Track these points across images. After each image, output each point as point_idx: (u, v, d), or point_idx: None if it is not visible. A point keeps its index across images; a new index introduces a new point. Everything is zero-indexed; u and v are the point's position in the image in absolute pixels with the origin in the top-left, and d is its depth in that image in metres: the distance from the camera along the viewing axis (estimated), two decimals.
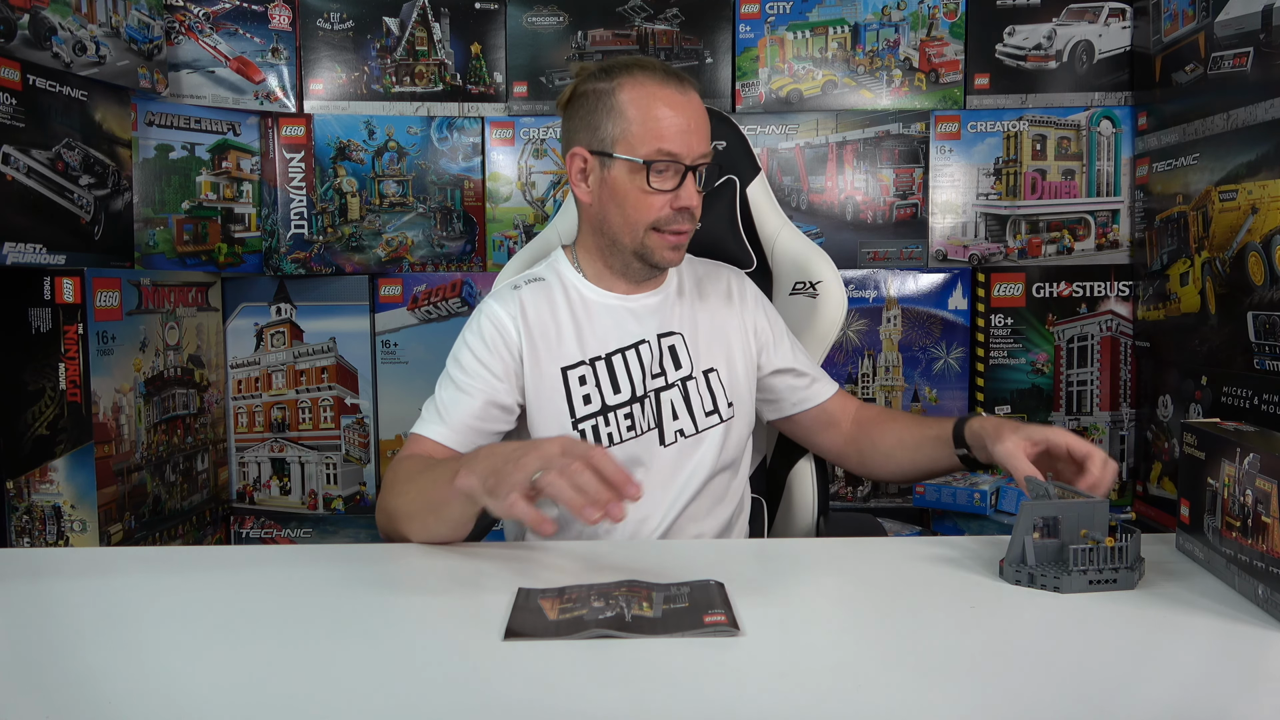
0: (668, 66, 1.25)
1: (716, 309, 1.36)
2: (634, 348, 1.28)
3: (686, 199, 1.22)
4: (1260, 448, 0.85)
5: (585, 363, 1.26)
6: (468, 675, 0.74)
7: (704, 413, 1.29)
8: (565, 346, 1.27)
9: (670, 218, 1.22)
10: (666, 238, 1.23)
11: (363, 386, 2.28)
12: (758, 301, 1.40)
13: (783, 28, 2.25)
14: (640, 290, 1.32)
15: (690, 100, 1.23)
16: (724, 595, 0.87)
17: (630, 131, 1.21)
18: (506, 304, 1.28)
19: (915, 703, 0.69)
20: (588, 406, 1.25)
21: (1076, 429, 2.23)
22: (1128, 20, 2.18)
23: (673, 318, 1.32)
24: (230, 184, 2.21)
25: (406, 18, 2.26)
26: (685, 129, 1.21)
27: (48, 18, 1.72)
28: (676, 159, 1.20)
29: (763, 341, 1.37)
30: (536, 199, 2.29)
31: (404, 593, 0.95)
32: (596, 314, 1.29)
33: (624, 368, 1.27)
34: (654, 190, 1.21)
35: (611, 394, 1.26)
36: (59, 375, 1.74)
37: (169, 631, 0.82)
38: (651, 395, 1.27)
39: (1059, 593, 0.88)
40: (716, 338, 1.33)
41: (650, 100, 1.21)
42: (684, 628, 0.79)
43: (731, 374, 1.33)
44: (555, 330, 1.27)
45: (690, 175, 1.22)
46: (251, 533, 2.31)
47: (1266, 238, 1.65)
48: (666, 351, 1.30)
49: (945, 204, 2.24)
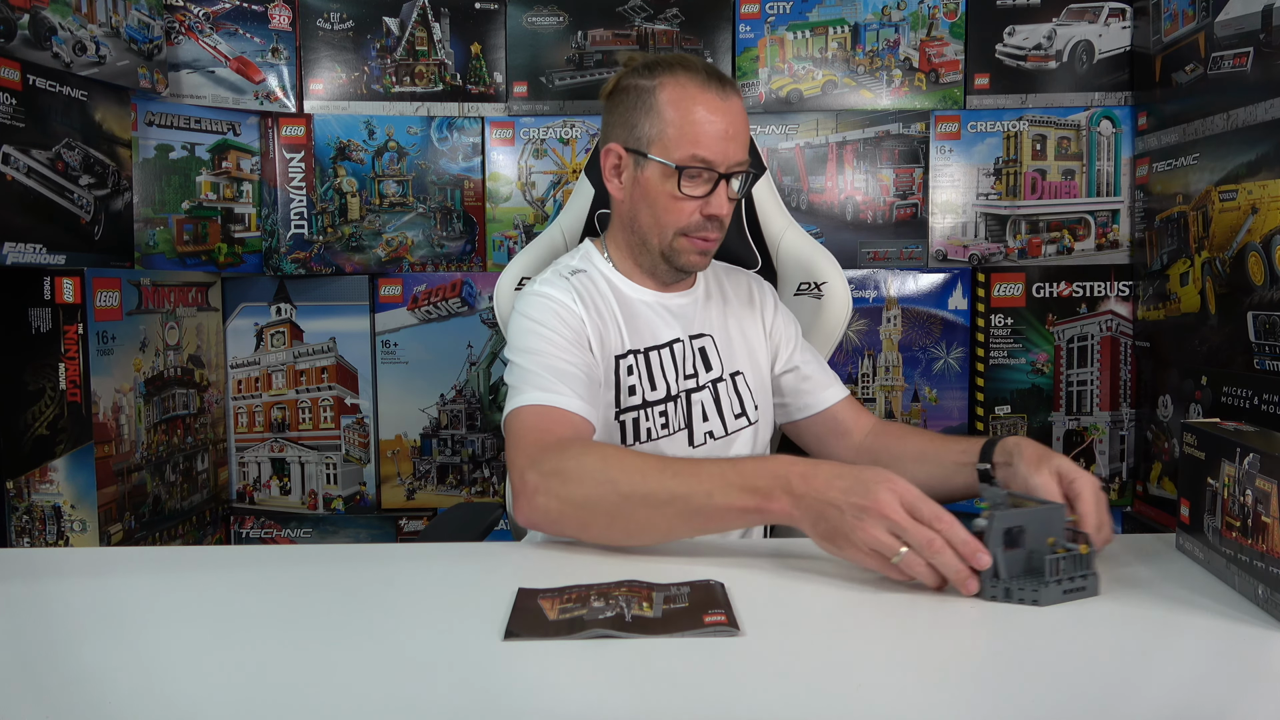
0: (713, 68, 1.22)
1: (740, 313, 1.36)
2: (669, 346, 1.27)
3: (717, 207, 1.20)
4: (1260, 448, 0.85)
5: (633, 353, 1.25)
6: (467, 675, 0.74)
7: (733, 415, 1.29)
8: (617, 335, 1.25)
9: (699, 224, 1.21)
10: (695, 242, 1.22)
11: (363, 386, 2.28)
12: (775, 305, 1.40)
13: (783, 28, 2.25)
14: (671, 290, 1.31)
15: (730, 105, 1.20)
16: (724, 595, 0.87)
17: (666, 134, 1.19)
18: (562, 290, 1.23)
19: (919, 703, 0.69)
20: (632, 398, 1.24)
21: (1076, 429, 2.23)
22: (1128, 20, 2.18)
23: (702, 320, 1.32)
24: (230, 184, 2.21)
25: (406, 18, 2.26)
26: (722, 135, 1.18)
27: (48, 18, 1.72)
28: (710, 166, 1.18)
29: (776, 342, 1.37)
30: (536, 199, 2.29)
31: (404, 592, 0.95)
32: (636, 309, 1.28)
33: (659, 365, 1.26)
34: (685, 196, 1.19)
35: (650, 390, 1.25)
36: (59, 375, 1.74)
37: (169, 631, 0.82)
38: (683, 395, 1.27)
39: (1037, 605, 0.85)
40: (742, 341, 1.34)
41: (689, 103, 1.18)
42: (684, 628, 0.79)
43: (757, 378, 1.33)
44: (609, 317, 1.25)
45: (724, 183, 1.20)
46: (251, 533, 2.32)
47: (1266, 238, 1.65)
48: (697, 353, 1.29)
49: (945, 204, 2.24)
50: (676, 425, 1.26)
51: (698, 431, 1.27)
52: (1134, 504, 2.21)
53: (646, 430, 1.24)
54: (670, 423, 1.25)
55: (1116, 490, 2.23)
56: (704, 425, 1.27)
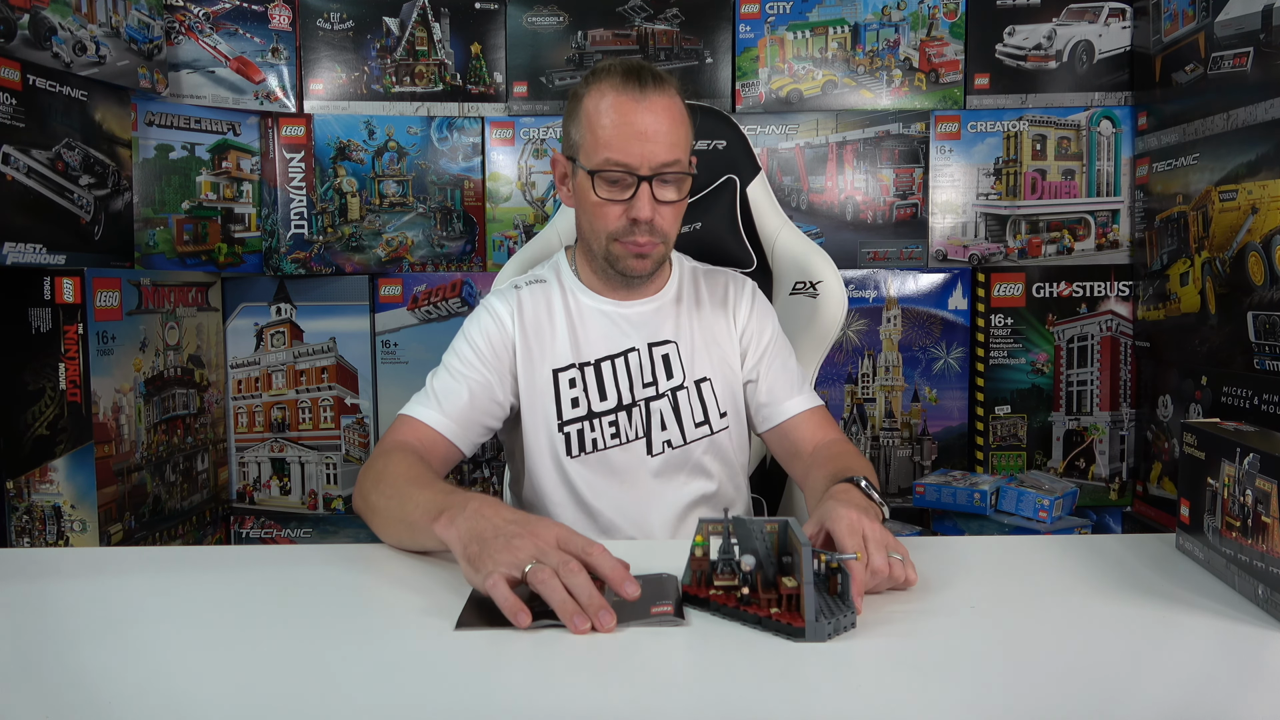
0: (640, 66, 1.18)
1: (710, 316, 1.33)
2: (623, 355, 1.27)
3: (639, 211, 1.16)
4: (1260, 448, 0.85)
5: (575, 366, 1.26)
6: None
7: (693, 424, 1.28)
8: (558, 348, 1.26)
9: (625, 229, 1.18)
10: (628, 247, 1.20)
11: (363, 386, 2.28)
12: (752, 307, 1.35)
13: (783, 28, 2.25)
14: (635, 297, 1.30)
15: (650, 104, 1.15)
16: (676, 587, 0.89)
17: (585, 139, 1.18)
18: (506, 300, 1.29)
19: (915, 702, 0.69)
20: (575, 410, 1.25)
21: (1076, 429, 2.23)
22: (1128, 20, 2.18)
23: (667, 326, 1.30)
24: (230, 184, 2.21)
25: (406, 18, 2.26)
26: (636, 136, 1.14)
27: (48, 18, 1.72)
28: (627, 168, 1.15)
29: (745, 346, 1.33)
30: (536, 199, 2.29)
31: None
32: (590, 319, 1.29)
33: (612, 375, 1.26)
34: (606, 200, 1.17)
35: (598, 400, 1.25)
36: (59, 375, 1.74)
37: (169, 631, 0.82)
38: (642, 404, 1.26)
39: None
40: (711, 346, 1.31)
41: (604, 105, 1.16)
42: (631, 618, 0.81)
43: (725, 383, 1.31)
44: (549, 331, 1.27)
45: (645, 186, 1.16)
46: (251, 533, 2.31)
47: (1266, 238, 1.65)
48: (659, 360, 1.28)
49: (945, 204, 2.24)
50: (632, 434, 1.25)
51: (656, 440, 1.26)
52: (1134, 504, 2.21)
53: (593, 441, 1.25)
54: (623, 432, 1.25)
55: (1116, 490, 2.23)
56: (662, 434, 1.26)
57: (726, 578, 0.85)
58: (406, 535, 1.03)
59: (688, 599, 0.86)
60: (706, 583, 0.86)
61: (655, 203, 1.17)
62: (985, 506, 2.01)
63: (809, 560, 0.78)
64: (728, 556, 0.85)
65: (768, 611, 0.81)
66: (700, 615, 0.84)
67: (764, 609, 0.81)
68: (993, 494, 2.03)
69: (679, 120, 1.18)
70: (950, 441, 2.27)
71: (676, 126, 1.17)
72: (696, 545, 0.87)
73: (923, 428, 2.28)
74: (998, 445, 2.25)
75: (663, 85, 1.17)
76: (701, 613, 0.85)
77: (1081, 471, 2.23)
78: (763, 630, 0.80)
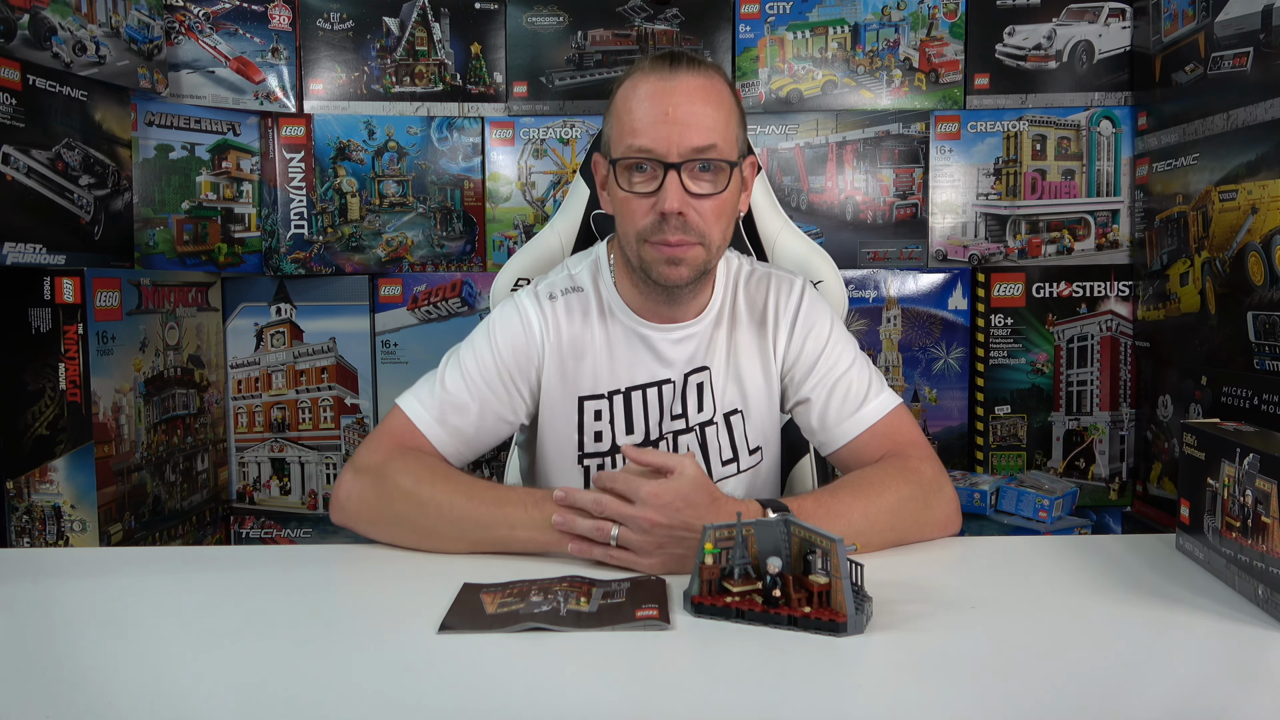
0: (677, 51, 1.10)
1: (746, 339, 1.19)
2: (656, 386, 1.17)
3: (666, 202, 1.02)
4: (1260, 448, 0.85)
5: (604, 396, 1.16)
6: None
7: (720, 462, 1.18)
8: (588, 375, 1.16)
9: (654, 226, 1.05)
10: (659, 249, 1.06)
11: (363, 386, 2.28)
12: (793, 326, 1.20)
13: (783, 28, 2.24)
14: (678, 319, 1.17)
15: (678, 84, 1.03)
16: (663, 590, 0.88)
17: (614, 129, 1.08)
18: (540, 309, 1.16)
19: (916, 701, 0.69)
20: (598, 444, 1.17)
21: (1076, 429, 2.23)
22: (1128, 20, 2.18)
23: (705, 350, 1.18)
24: (230, 184, 2.21)
25: (406, 18, 2.26)
26: (662, 119, 1.02)
27: (48, 18, 1.72)
28: (651, 154, 1.03)
29: (788, 370, 1.20)
30: (536, 199, 2.28)
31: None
32: (628, 345, 1.17)
33: (641, 406, 1.17)
34: (632, 193, 1.05)
35: (624, 434, 1.17)
36: (59, 375, 1.74)
37: (169, 631, 0.83)
38: (669, 438, 1.17)
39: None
40: (744, 373, 1.19)
41: (631, 90, 1.06)
42: (616, 621, 0.81)
43: (758, 415, 1.20)
44: (582, 356, 1.16)
45: (674, 174, 1.02)
46: (251, 533, 2.31)
47: (1266, 238, 1.65)
48: (693, 389, 1.18)
49: (945, 204, 2.24)
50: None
51: None
52: (1134, 504, 2.21)
53: None
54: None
55: (1116, 490, 2.23)
56: None
57: (743, 583, 0.84)
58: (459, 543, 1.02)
59: (700, 609, 0.84)
60: (719, 590, 0.85)
61: (686, 195, 1.03)
62: (985, 506, 2.01)
63: (844, 555, 0.80)
64: (744, 561, 0.85)
65: (802, 611, 0.81)
66: (686, 618, 0.83)
67: (797, 609, 0.81)
68: (993, 494, 2.03)
69: (716, 102, 1.06)
70: (950, 441, 2.27)
71: (712, 108, 1.05)
72: (706, 553, 0.85)
73: (923, 428, 2.28)
74: (998, 445, 2.25)
75: (698, 66, 1.06)
76: (695, 619, 0.84)
77: (1081, 472, 2.23)
78: (797, 630, 0.80)
